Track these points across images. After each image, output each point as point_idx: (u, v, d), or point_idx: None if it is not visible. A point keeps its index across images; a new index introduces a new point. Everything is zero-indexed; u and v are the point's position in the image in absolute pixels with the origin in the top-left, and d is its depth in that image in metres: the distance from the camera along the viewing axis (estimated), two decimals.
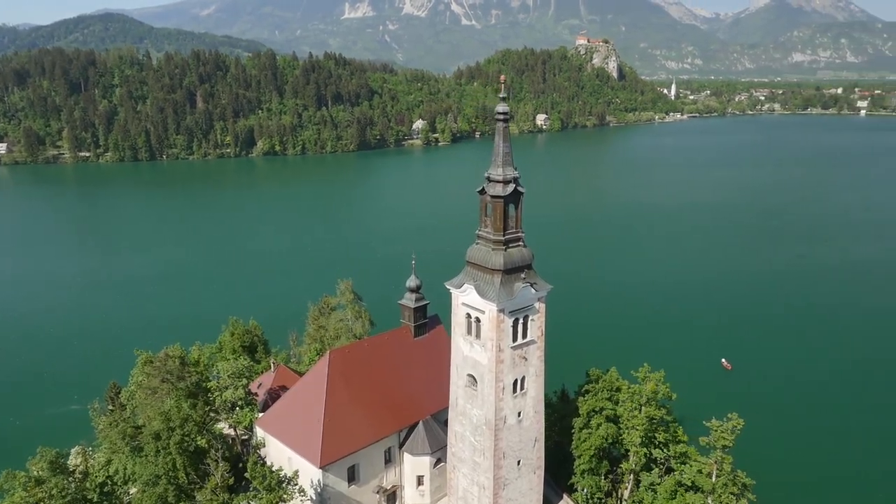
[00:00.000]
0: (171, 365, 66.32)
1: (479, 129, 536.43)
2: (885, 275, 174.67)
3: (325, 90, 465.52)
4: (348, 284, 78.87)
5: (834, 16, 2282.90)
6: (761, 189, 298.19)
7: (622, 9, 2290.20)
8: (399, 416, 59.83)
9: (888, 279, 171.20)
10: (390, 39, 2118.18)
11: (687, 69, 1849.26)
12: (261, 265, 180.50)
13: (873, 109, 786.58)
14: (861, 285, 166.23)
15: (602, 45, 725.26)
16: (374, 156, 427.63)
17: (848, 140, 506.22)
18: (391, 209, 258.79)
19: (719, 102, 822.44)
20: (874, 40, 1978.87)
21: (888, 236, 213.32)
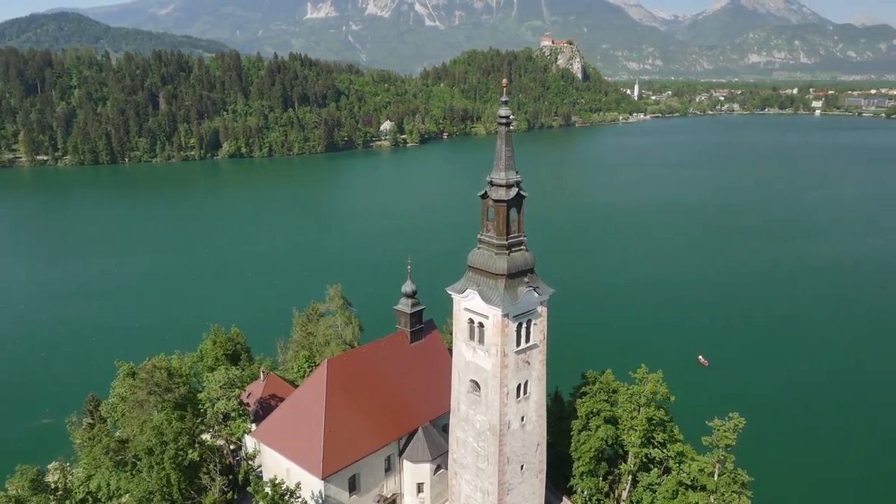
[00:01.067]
0: (158, 377, 64.29)
1: (446, 129, 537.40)
2: (852, 269, 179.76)
3: (291, 91, 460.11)
4: (337, 290, 77.62)
5: (787, 18, 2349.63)
6: (728, 188, 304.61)
7: (584, 10, 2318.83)
8: (398, 423, 59.04)
9: (855, 274, 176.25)
10: (354, 40, 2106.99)
11: (648, 70, 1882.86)
12: (238, 271, 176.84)
13: (827, 109, 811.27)
14: (831, 280, 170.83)
15: (566, 47, 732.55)
16: (342, 157, 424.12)
17: (805, 139, 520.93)
18: (368, 211, 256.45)
19: (681, 103, 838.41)
20: (826, 42, 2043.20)
21: (851, 233, 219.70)
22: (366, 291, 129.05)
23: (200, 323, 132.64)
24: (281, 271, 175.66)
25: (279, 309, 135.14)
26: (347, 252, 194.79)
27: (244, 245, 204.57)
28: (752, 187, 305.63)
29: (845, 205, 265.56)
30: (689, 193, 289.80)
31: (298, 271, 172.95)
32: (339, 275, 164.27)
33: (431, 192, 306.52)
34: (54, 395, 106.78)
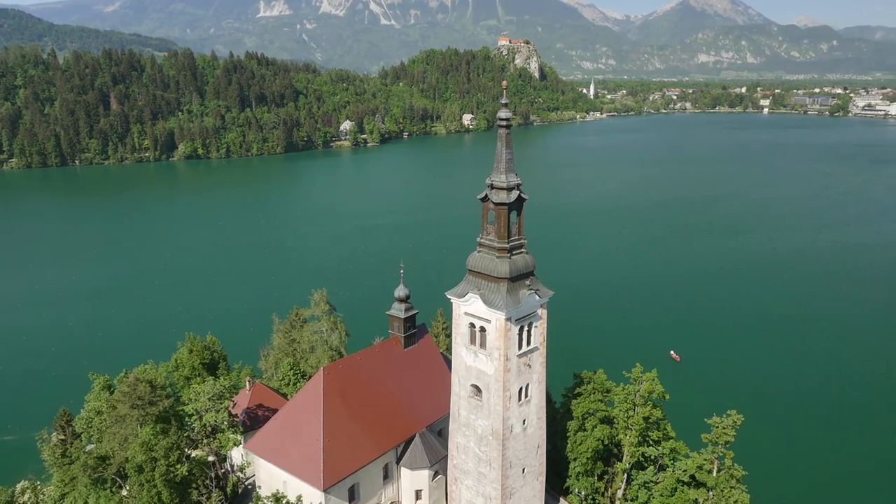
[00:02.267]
0: (141, 390, 61.77)
1: (406, 129, 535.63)
2: (812, 261, 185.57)
3: (248, 91, 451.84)
4: (322, 295, 75.93)
5: (734, 19, 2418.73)
6: (688, 185, 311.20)
7: (538, 10, 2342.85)
8: (396, 430, 58.12)
9: (816, 265, 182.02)
10: (308, 39, 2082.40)
11: (601, 69, 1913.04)
12: (206, 277, 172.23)
13: (774, 108, 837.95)
14: (793, 273, 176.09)
15: (524, 46, 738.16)
16: (303, 158, 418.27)
17: (756, 137, 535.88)
18: (335, 213, 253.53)
19: (635, 102, 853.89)
20: (771, 42, 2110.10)
21: (807, 227, 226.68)
22: (343, 295, 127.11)
23: (171, 331, 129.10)
24: (251, 276, 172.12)
25: (254, 315, 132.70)
26: (320, 255, 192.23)
27: (210, 250, 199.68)
28: (711, 184, 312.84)
29: (799, 200, 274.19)
30: (651, 191, 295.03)
31: (269, 276, 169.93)
32: (312, 278, 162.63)
33: (399, 192, 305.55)
34: (18, 410, 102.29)
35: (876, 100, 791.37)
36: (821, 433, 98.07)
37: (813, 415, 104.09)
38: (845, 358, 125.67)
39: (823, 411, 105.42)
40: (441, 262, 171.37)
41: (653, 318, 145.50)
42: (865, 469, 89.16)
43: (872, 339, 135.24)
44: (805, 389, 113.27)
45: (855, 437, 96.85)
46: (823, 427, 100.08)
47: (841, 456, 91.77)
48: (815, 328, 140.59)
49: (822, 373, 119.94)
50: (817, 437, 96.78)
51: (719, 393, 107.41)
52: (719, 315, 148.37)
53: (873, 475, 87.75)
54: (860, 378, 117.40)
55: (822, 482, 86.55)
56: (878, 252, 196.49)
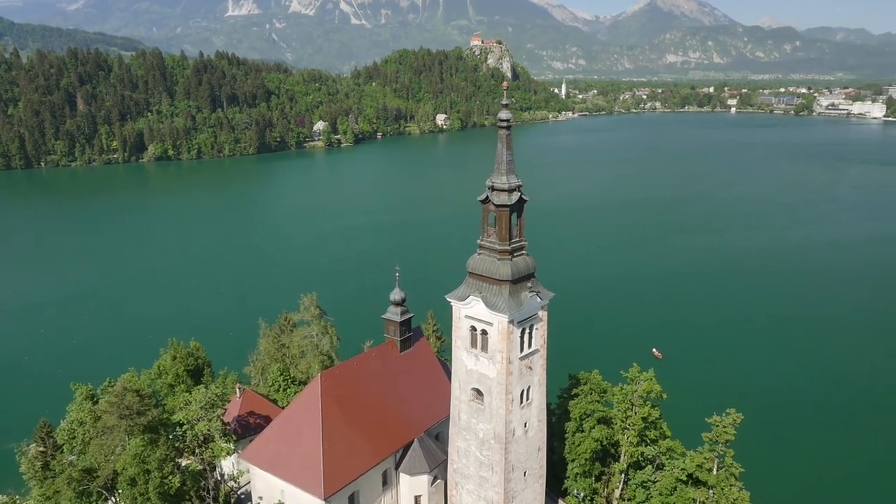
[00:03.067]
0: (129, 399, 59.96)
1: (380, 129, 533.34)
2: (787, 258, 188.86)
3: (219, 91, 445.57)
4: (312, 299, 74.62)
5: (701, 20, 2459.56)
6: (662, 184, 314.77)
7: (508, 11, 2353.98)
8: (395, 435, 57.32)
9: (791, 261, 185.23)
10: (278, 38, 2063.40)
11: (572, 69, 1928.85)
12: (185, 281, 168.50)
13: (742, 107, 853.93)
14: (768, 270, 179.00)
15: (496, 46, 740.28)
16: (276, 159, 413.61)
17: (726, 136, 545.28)
18: (313, 214, 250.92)
19: (606, 101, 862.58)
20: (736, 43, 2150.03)
21: (779, 224, 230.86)
22: (328, 298, 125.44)
23: (149, 337, 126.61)
24: (232, 280, 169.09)
25: (237, 320, 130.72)
26: (300, 258, 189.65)
27: (188, 253, 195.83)
28: (684, 183, 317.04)
29: (770, 198, 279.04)
30: (625, 190, 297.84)
31: (251, 280, 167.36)
32: (295, 281, 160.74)
33: (377, 193, 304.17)
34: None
35: (839, 99, 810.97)
36: (806, 428, 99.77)
37: (798, 409, 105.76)
38: (826, 353, 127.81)
39: (807, 406, 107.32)
40: (427, 263, 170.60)
41: (632, 317, 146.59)
42: (850, 462, 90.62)
43: (850, 333, 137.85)
44: (788, 384, 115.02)
45: (837, 432, 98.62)
46: (808, 422, 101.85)
47: (827, 449, 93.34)
48: (793, 324, 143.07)
49: (804, 367, 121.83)
50: (804, 432, 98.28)
51: (703, 389, 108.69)
52: (698, 312, 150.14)
53: (859, 467, 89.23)
54: (840, 372, 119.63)
55: (813, 476, 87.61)
56: (851, 249, 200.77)
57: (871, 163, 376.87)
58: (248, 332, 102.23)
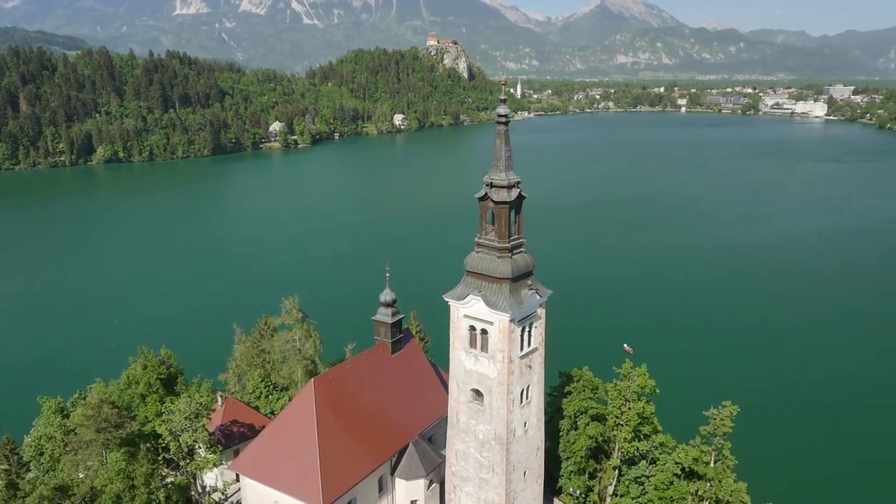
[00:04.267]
0: (106, 412, 57.02)
1: (338, 130, 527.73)
2: (744, 254, 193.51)
3: (171, 91, 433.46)
4: (294, 302, 72.38)
5: (649, 22, 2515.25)
6: (622, 182, 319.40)
7: (462, 11, 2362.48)
8: (390, 439, 55.96)
9: (747, 258, 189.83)
10: (228, 38, 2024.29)
11: (525, 70, 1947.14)
12: (150, 286, 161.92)
13: (691, 107, 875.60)
14: (723, 265, 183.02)
15: (452, 46, 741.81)
16: (232, 160, 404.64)
17: (678, 135, 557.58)
18: (277, 215, 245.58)
19: (561, 101, 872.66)
20: (684, 44, 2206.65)
21: (735, 221, 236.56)
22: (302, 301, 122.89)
23: (112, 346, 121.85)
24: (200, 284, 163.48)
25: (208, 325, 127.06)
26: (270, 260, 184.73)
27: (150, 258, 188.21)
28: (642, 181, 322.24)
29: (725, 195, 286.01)
30: (589, 189, 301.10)
31: (219, 283, 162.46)
32: (265, 284, 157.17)
33: (340, 193, 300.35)
34: None
35: (783, 99, 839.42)
36: (789, 418, 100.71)
37: (781, 399, 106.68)
38: (801, 344, 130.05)
39: (791, 396, 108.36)
40: (404, 263, 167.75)
41: (602, 313, 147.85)
42: (833, 451, 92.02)
43: (820, 323, 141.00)
44: (767, 376, 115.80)
45: (818, 423, 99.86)
46: (791, 412, 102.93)
47: (811, 440, 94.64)
48: (762, 316, 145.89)
49: (782, 358, 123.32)
50: (787, 422, 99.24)
51: (680, 382, 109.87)
52: (668, 307, 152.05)
53: (843, 456, 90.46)
54: (819, 362, 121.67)
55: (798, 466, 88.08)
56: (810, 241, 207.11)
57: (817, 160, 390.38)
58: (220, 338, 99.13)
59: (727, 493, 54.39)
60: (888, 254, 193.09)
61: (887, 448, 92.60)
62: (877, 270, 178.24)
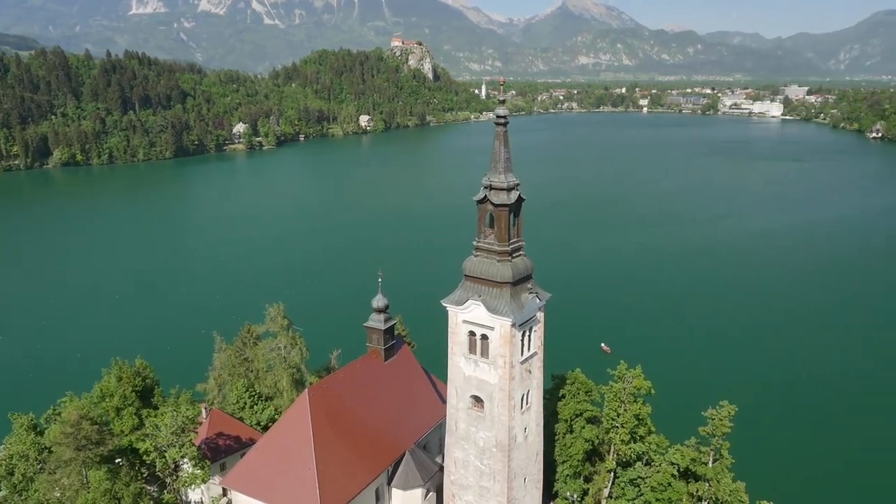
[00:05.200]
0: (86, 429, 54.37)
1: (303, 131, 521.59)
2: (712, 251, 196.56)
3: (130, 92, 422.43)
4: (279, 309, 70.25)
5: (609, 23, 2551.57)
6: (587, 182, 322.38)
7: (425, 12, 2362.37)
8: (386, 449, 54.62)
9: (716, 254, 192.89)
10: (187, 38, 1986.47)
11: (488, 71, 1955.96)
12: (118, 295, 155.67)
13: (653, 107, 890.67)
14: (694, 263, 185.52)
15: (417, 47, 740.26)
16: (195, 162, 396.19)
17: (641, 134, 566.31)
18: (246, 220, 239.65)
19: (526, 102, 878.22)
20: (643, 46, 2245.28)
21: (703, 219, 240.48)
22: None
23: (80, 356, 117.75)
24: (170, 291, 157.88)
25: (185, 334, 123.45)
26: (244, 266, 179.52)
27: (116, 266, 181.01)
28: (609, 181, 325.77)
29: (691, 194, 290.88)
30: (557, 189, 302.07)
31: (194, 291, 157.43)
32: (239, 290, 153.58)
33: (311, 196, 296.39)
34: None
35: (740, 99, 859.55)
36: (777, 414, 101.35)
37: (766, 397, 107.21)
38: (779, 341, 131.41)
39: (777, 393, 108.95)
40: (384, 266, 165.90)
41: (576, 313, 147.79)
42: (817, 445, 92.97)
43: (798, 322, 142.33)
44: (748, 372, 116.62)
45: (799, 418, 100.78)
46: (779, 408, 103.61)
47: (797, 435, 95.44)
48: (734, 313, 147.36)
49: (761, 354, 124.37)
50: (775, 419, 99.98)
51: (662, 382, 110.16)
52: (639, 306, 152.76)
53: (830, 454, 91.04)
54: (798, 358, 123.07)
55: (787, 462, 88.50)
56: (778, 239, 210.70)
57: (777, 159, 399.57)
58: (198, 347, 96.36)
59: (726, 493, 54.47)
60: (857, 250, 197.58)
61: (876, 441, 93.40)
62: (850, 266, 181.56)
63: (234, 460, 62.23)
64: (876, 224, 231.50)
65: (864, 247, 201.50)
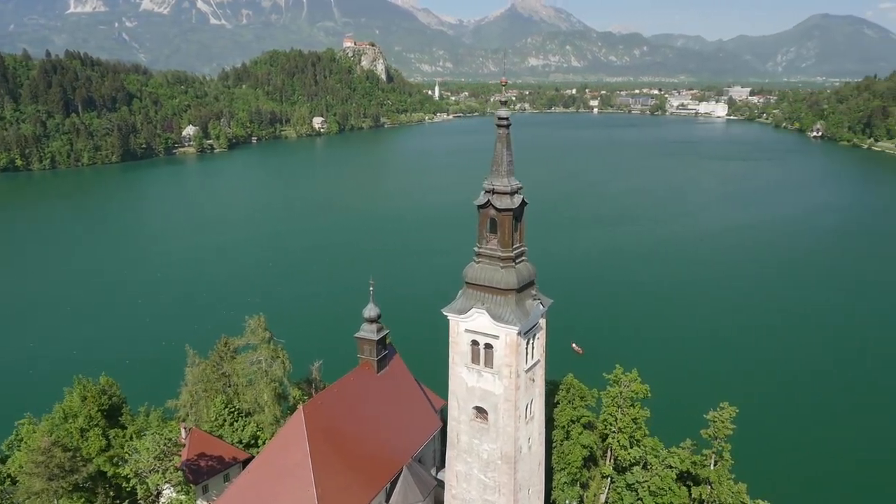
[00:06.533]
0: (58, 457, 50.51)
1: (255, 133, 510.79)
2: (674, 249, 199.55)
3: (72, 94, 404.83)
4: (260, 320, 66.93)
5: (558, 25, 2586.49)
6: (544, 182, 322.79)
7: (374, 13, 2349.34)
8: (384, 465, 52.46)
9: (680, 252, 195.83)
10: (129, 38, 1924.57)
11: (440, 72, 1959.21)
12: (73, 309, 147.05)
13: (603, 108, 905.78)
14: (660, 260, 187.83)
15: (370, 48, 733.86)
16: (143, 167, 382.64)
17: (593, 135, 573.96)
18: (201, 226, 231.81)
19: (479, 103, 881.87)
20: (591, 47, 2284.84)
21: (662, 218, 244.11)
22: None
23: (32, 373, 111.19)
24: (132, 304, 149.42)
25: (149, 348, 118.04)
26: (203, 274, 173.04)
27: (67, 277, 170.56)
28: (565, 181, 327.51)
29: (648, 193, 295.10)
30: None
31: (156, 303, 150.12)
32: (201, 300, 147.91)
33: (269, 200, 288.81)
34: None
35: (687, 100, 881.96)
36: (768, 414, 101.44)
37: (756, 396, 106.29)
38: (749, 335, 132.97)
39: (765, 392, 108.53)
40: (357, 269, 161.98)
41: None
42: (813, 445, 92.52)
43: (761, 315, 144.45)
44: (724, 370, 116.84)
45: (796, 417, 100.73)
46: (769, 407, 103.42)
47: (787, 433, 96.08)
48: (696, 310, 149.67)
49: (735, 351, 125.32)
50: (766, 418, 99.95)
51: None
52: (603, 306, 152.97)
53: (822, 451, 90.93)
54: (786, 357, 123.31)
55: (787, 465, 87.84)
56: (735, 234, 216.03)
57: (726, 158, 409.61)
58: (166, 362, 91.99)
59: (728, 496, 54.18)
60: (825, 246, 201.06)
61: (877, 440, 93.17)
62: (822, 262, 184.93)
63: (217, 482, 59.05)
64: (839, 221, 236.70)
65: (831, 243, 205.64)
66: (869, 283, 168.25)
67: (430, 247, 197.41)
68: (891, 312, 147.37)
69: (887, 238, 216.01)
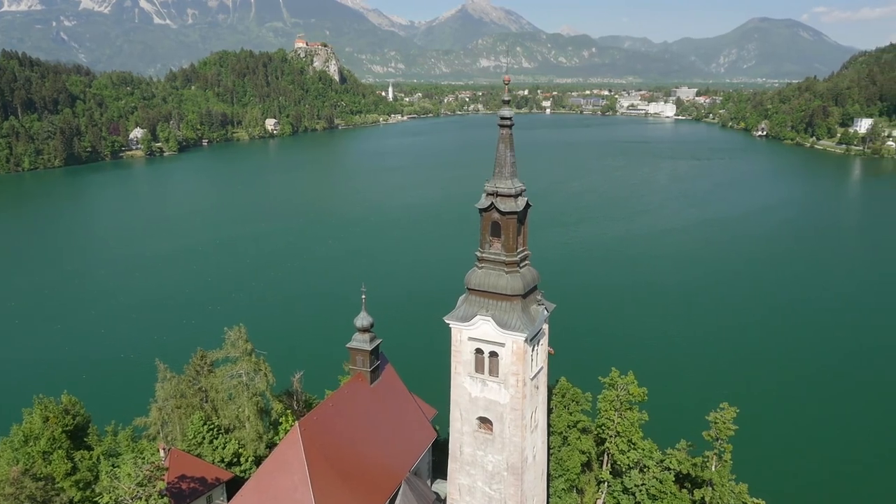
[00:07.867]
0: (29, 487, 46.64)
1: (206, 136, 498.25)
2: (635, 247, 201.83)
3: (10, 96, 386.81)
4: (241, 332, 63.52)
5: (508, 27, 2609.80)
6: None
7: (324, 14, 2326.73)
8: (383, 480, 50.21)
9: (641, 250, 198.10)
10: (68, 37, 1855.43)
11: (392, 73, 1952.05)
12: (21, 324, 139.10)
13: (555, 108, 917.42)
14: (623, 258, 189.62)
15: (322, 49, 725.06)
16: (89, 171, 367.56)
17: (547, 135, 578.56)
18: (150, 232, 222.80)
19: (433, 104, 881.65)
20: (541, 49, 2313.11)
21: (620, 217, 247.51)
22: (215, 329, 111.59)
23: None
24: (87, 317, 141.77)
25: (113, 363, 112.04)
26: (158, 282, 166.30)
27: (10, 289, 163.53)
28: (527, 181, 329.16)
29: (605, 192, 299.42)
30: (471, 191, 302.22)
31: (112, 314, 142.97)
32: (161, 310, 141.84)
33: (223, 204, 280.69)
34: None
35: (636, 100, 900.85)
36: (762, 413, 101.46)
37: (749, 395, 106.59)
38: (728, 332, 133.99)
39: (756, 391, 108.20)
40: (337, 280, 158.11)
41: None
42: (806, 442, 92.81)
43: (762, 315, 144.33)
44: (720, 370, 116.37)
45: (793, 417, 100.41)
46: (761, 406, 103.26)
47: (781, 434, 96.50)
48: (680, 309, 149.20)
49: (713, 349, 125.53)
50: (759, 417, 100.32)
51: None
52: (571, 303, 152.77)
53: (814, 448, 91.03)
54: (780, 356, 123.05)
55: (783, 465, 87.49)
56: (694, 231, 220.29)
57: (678, 157, 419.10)
58: (132, 378, 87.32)
59: (730, 497, 53.89)
60: (772, 242, 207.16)
61: (876, 440, 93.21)
62: (781, 259, 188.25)
63: None
64: (801, 215, 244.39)
65: (800, 238, 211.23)
66: (852, 277, 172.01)
67: (409, 248, 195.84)
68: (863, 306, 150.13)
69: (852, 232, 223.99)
